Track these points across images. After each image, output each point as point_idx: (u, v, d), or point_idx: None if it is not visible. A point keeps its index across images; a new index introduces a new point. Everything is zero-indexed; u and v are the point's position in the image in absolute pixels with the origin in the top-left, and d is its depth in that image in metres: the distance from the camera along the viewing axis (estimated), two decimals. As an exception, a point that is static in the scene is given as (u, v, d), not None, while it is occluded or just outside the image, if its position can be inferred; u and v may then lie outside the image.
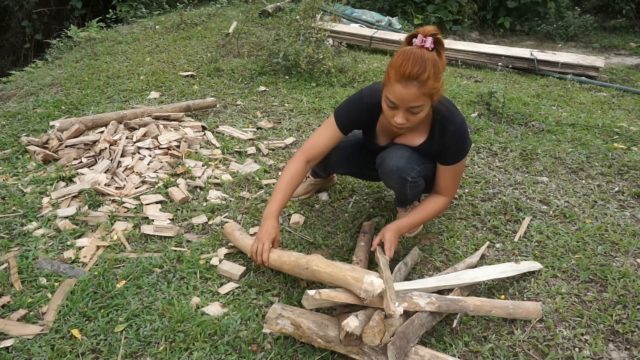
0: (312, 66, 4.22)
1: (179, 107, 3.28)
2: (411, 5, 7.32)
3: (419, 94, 1.50)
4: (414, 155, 1.81)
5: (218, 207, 2.32)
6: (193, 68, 4.47)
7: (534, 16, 7.46)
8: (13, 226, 2.14)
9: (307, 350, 1.52)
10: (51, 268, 1.88)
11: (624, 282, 1.81)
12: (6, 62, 8.49)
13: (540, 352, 1.54)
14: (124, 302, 1.71)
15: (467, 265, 1.84)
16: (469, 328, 1.62)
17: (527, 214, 2.26)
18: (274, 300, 1.74)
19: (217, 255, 1.96)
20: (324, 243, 2.05)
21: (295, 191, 2.29)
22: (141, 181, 2.51)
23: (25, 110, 3.48)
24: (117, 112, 3.09)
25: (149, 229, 2.11)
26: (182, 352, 1.52)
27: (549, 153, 2.88)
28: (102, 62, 4.76)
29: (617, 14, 7.56)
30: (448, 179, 1.83)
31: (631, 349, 1.55)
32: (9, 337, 1.57)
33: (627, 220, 2.22)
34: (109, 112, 3.15)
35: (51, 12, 8.50)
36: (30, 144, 2.79)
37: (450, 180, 1.83)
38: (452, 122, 1.71)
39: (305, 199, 2.37)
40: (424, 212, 1.85)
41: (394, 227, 1.80)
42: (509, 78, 4.68)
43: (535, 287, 1.80)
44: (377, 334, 1.34)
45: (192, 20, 6.24)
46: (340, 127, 1.80)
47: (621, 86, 4.48)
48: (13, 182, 2.50)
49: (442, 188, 1.86)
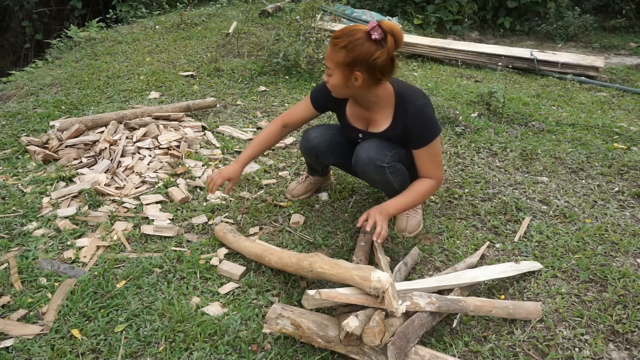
0: (312, 66, 4.22)
1: (179, 107, 3.28)
2: (411, 5, 7.32)
3: (331, 56, 1.67)
4: (383, 142, 1.85)
5: (218, 207, 2.32)
6: (193, 68, 4.47)
7: (534, 16, 7.46)
8: (13, 226, 2.14)
9: (307, 350, 1.52)
10: (51, 268, 1.88)
11: (624, 282, 1.81)
12: (6, 62, 8.49)
13: (540, 352, 1.54)
14: (124, 302, 1.71)
15: (467, 265, 1.84)
16: (469, 328, 1.62)
17: (527, 214, 2.26)
18: (274, 300, 1.74)
19: (217, 255, 1.96)
20: (324, 243, 2.05)
21: (297, 191, 2.36)
22: (141, 181, 2.51)
23: (25, 110, 3.48)
24: (117, 112, 3.10)
25: (149, 229, 2.11)
26: (182, 352, 1.52)
27: (549, 153, 2.88)
28: (102, 62, 4.76)
29: (617, 14, 7.56)
30: (425, 163, 1.81)
31: (631, 349, 1.55)
32: (9, 337, 1.57)
33: (627, 220, 2.22)
34: (109, 112, 3.15)
35: (51, 12, 8.50)
36: (30, 144, 2.79)
37: (427, 163, 1.81)
38: (412, 104, 1.75)
39: (305, 198, 2.38)
40: (411, 193, 1.82)
41: (380, 207, 1.77)
42: (509, 78, 4.68)
43: (535, 287, 1.80)
44: (377, 334, 1.34)
45: (192, 20, 6.24)
46: (313, 102, 1.98)
47: (621, 86, 4.48)
48: (13, 182, 2.50)
49: (424, 172, 1.84)
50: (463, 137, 3.07)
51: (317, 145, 2.05)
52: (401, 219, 2.11)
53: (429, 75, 4.69)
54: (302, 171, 2.64)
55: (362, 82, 1.67)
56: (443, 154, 2.86)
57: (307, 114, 2.02)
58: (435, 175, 1.83)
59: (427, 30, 6.83)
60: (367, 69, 1.63)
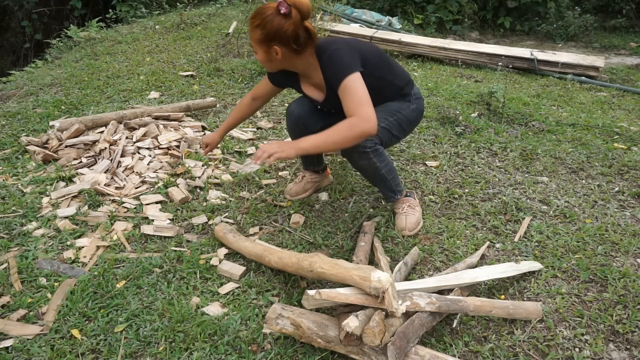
0: (312, 66, 4.21)
1: (179, 107, 3.28)
2: (411, 5, 7.32)
3: (251, 35, 1.79)
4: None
5: (218, 207, 2.32)
6: (193, 68, 4.47)
7: (534, 16, 7.46)
8: (13, 226, 2.14)
9: (307, 350, 1.52)
10: (51, 268, 1.88)
11: (624, 282, 1.81)
12: (6, 62, 8.49)
13: (540, 352, 1.54)
14: (124, 302, 1.71)
15: (467, 265, 1.84)
16: (469, 328, 1.62)
17: (527, 214, 2.26)
18: (274, 300, 1.73)
19: (217, 255, 1.96)
20: (324, 243, 2.05)
21: (294, 190, 2.38)
22: (141, 181, 2.51)
23: (25, 110, 3.48)
24: (117, 112, 3.09)
25: (149, 229, 2.11)
26: (182, 352, 1.52)
27: (549, 153, 2.88)
28: (102, 62, 4.76)
29: (617, 14, 7.55)
30: (347, 102, 1.72)
31: (631, 349, 1.55)
32: (9, 337, 1.57)
33: (627, 220, 2.22)
34: (109, 112, 3.15)
35: (51, 12, 8.50)
36: (30, 144, 2.79)
37: (348, 102, 1.71)
38: (325, 51, 1.81)
39: (304, 197, 2.38)
40: (331, 131, 1.70)
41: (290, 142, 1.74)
42: (509, 78, 4.68)
43: (535, 287, 1.80)
44: (377, 334, 1.34)
45: (192, 20, 6.24)
46: (269, 77, 2.13)
47: (621, 86, 4.48)
48: (13, 182, 2.50)
49: (348, 113, 1.72)
50: (463, 137, 3.07)
51: (299, 115, 2.13)
52: (400, 217, 2.12)
53: (429, 75, 4.69)
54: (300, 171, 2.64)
55: (282, 54, 1.78)
56: (443, 154, 2.86)
57: (269, 89, 2.16)
58: (357, 112, 1.68)
59: (427, 30, 6.83)
60: (281, 41, 1.74)
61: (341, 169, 2.69)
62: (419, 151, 2.90)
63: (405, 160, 2.80)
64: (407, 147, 2.96)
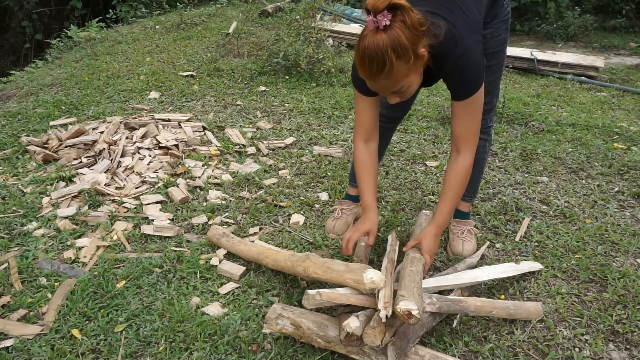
0: (312, 66, 4.22)
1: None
2: (411, 5, 7.31)
3: (392, 82, 1.37)
4: None
5: (218, 207, 2.32)
6: (193, 68, 4.47)
7: (534, 16, 7.46)
8: (13, 226, 2.14)
9: (307, 350, 1.52)
10: (51, 268, 1.88)
11: (624, 282, 1.81)
12: (6, 62, 8.49)
13: (540, 352, 1.54)
14: (124, 302, 1.71)
15: (467, 265, 1.84)
16: (469, 328, 1.62)
17: (527, 214, 2.26)
18: (274, 300, 1.73)
19: (217, 256, 1.96)
20: (324, 243, 2.05)
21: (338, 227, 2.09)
22: (141, 181, 2.51)
23: (25, 110, 3.48)
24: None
25: (149, 229, 2.11)
26: (182, 352, 1.52)
27: (549, 153, 2.88)
28: (102, 62, 4.76)
29: (617, 14, 7.55)
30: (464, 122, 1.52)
31: (631, 349, 1.55)
32: (9, 337, 1.57)
33: (627, 220, 2.22)
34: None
35: (51, 12, 8.50)
36: (30, 144, 2.79)
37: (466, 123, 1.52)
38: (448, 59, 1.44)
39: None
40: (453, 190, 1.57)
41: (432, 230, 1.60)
42: (509, 78, 4.68)
43: (535, 287, 1.80)
44: (377, 334, 1.34)
45: (192, 20, 6.25)
46: (363, 92, 1.63)
47: (621, 86, 4.48)
48: (13, 182, 2.50)
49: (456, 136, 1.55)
50: (463, 137, 3.07)
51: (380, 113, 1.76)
52: (456, 241, 1.99)
53: (429, 75, 4.68)
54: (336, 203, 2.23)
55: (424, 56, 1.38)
56: (443, 154, 2.86)
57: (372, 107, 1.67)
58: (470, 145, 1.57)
59: (427, 30, 6.81)
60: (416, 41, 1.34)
61: (341, 169, 2.69)
62: (419, 151, 2.90)
63: (405, 160, 2.80)
64: (407, 147, 2.96)
